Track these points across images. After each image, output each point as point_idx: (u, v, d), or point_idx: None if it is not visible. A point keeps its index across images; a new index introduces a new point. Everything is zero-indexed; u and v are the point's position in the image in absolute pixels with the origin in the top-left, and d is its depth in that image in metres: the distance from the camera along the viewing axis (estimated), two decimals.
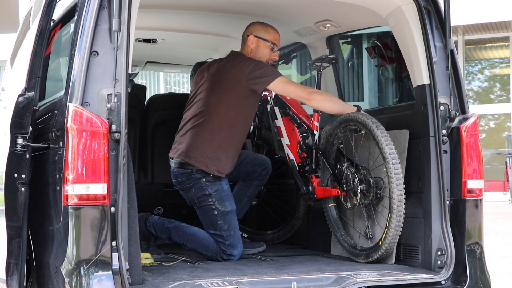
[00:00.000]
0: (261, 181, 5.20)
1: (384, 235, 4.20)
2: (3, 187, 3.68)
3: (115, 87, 3.52)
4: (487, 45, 20.50)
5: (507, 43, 19.94)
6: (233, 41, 5.59)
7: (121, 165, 3.51)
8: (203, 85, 4.80)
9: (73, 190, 3.47)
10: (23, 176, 3.60)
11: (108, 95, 3.55)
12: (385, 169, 4.18)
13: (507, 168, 19.42)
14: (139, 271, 3.68)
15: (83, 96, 3.53)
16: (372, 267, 4.20)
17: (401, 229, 4.16)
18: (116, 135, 3.53)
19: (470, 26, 18.88)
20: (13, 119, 3.61)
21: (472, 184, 4.07)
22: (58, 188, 3.58)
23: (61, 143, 3.60)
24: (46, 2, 3.81)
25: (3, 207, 3.66)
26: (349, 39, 6.30)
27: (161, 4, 5.03)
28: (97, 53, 3.57)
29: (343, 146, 4.71)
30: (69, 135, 3.49)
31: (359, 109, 4.51)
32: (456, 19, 15.84)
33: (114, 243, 3.49)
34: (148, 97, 6.23)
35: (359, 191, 4.40)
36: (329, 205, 4.72)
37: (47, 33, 3.86)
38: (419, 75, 4.18)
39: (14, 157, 3.59)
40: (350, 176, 4.46)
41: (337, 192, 4.56)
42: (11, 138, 3.59)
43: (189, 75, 6.17)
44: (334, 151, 4.69)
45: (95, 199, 3.49)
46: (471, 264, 4.02)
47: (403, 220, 4.14)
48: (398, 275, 3.94)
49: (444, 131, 4.08)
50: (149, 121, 5.95)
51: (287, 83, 4.64)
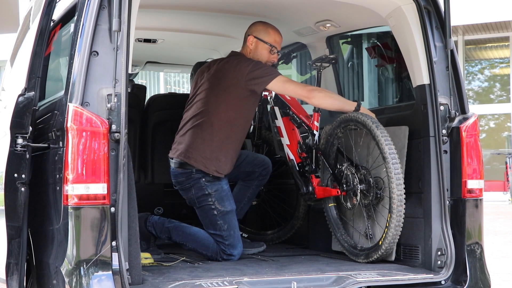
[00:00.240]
0: (261, 181, 5.20)
1: (384, 235, 4.20)
2: (3, 187, 3.68)
3: (115, 87, 3.52)
4: (487, 45, 20.50)
5: (507, 43, 19.94)
6: (233, 41, 5.59)
7: (121, 165, 3.51)
8: (203, 85, 4.79)
9: (73, 190, 3.47)
10: (23, 176, 3.60)
11: (108, 95, 3.54)
12: (385, 169, 4.18)
13: (507, 168, 19.42)
14: (139, 271, 3.68)
15: (83, 96, 3.53)
16: (372, 267, 4.20)
17: (401, 229, 4.16)
18: (116, 135, 3.53)
19: (470, 26, 18.88)
20: (13, 119, 3.61)
21: (472, 184, 4.07)
22: (58, 188, 3.58)
23: (61, 143, 3.60)
24: (46, 2, 3.81)
25: (3, 207, 3.66)
26: (349, 39, 6.29)
27: (161, 4, 5.03)
28: (97, 53, 3.57)
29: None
30: (69, 135, 3.49)
31: (359, 104, 4.51)
32: (456, 19, 15.84)
33: (114, 243, 3.49)
34: (148, 97, 6.22)
35: (359, 191, 4.40)
36: (329, 205, 4.72)
37: (47, 33, 3.86)
38: (419, 75, 4.18)
39: (14, 157, 3.59)
40: (350, 176, 4.46)
41: (337, 192, 4.56)
42: (11, 138, 3.59)
43: (189, 75, 6.17)
44: (334, 151, 4.69)
45: (95, 199, 3.49)
46: (471, 264, 4.02)
47: (403, 220, 4.14)
48: (398, 275, 3.94)
49: (444, 131, 4.08)
50: (149, 121, 5.94)
51: (286, 82, 4.64)
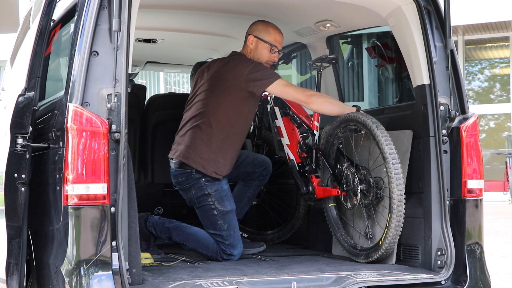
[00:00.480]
0: (262, 182, 5.19)
1: (384, 235, 4.20)
2: (3, 187, 3.68)
3: (115, 87, 3.52)
4: (487, 45, 20.50)
5: (507, 43, 19.94)
6: (233, 41, 5.59)
7: (121, 165, 3.51)
8: (202, 86, 4.79)
9: (73, 190, 3.47)
10: (23, 176, 3.60)
11: (108, 95, 3.54)
12: (385, 169, 4.18)
13: (507, 168, 19.42)
14: (139, 271, 3.68)
15: (83, 96, 3.53)
16: (372, 267, 4.20)
17: (401, 229, 4.15)
18: (116, 135, 3.53)
19: (470, 26, 18.88)
20: (13, 119, 3.61)
21: (472, 184, 4.07)
22: (58, 188, 3.58)
23: (61, 143, 3.60)
24: (46, 2, 3.81)
25: (3, 207, 3.66)
26: (349, 39, 6.30)
27: (161, 4, 5.03)
28: (97, 53, 3.57)
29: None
30: (69, 135, 3.49)
31: (358, 109, 4.51)
32: (456, 19, 15.84)
33: (114, 243, 3.49)
34: (148, 97, 6.22)
35: (359, 191, 4.40)
36: (329, 205, 4.72)
37: (47, 33, 3.86)
38: (419, 75, 4.18)
39: (14, 157, 3.59)
40: (350, 176, 4.45)
41: (337, 192, 4.56)
42: (11, 138, 3.59)
43: (189, 75, 6.16)
44: (334, 151, 4.69)
45: (95, 199, 3.49)
46: (471, 264, 4.02)
47: (403, 220, 4.14)
48: (398, 275, 3.94)
49: (444, 131, 4.08)
50: (149, 121, 5.94)
51: (285, 86, 4.62)
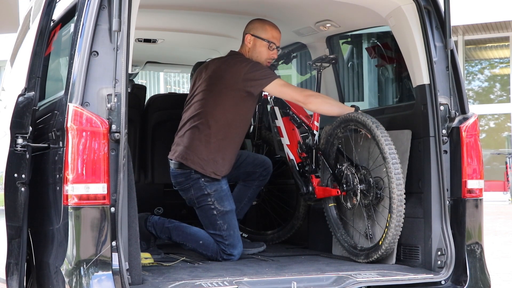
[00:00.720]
0: (262, 182, 5.19)
1: (384, 235, 4.20)
2: (3, 187, 3.68)
3: (115, 87, 3.52)
4: (487, 45, 20.50)
5: (507, 43, 19.93)
6: (233, 41, 5.59)
7: (121, 165, 3.51)
8: (200, 86, 4.78)
9: (73, 190, 3.47)
10: (23, 176, 3.60)
11: (108, 95, 3.54)
12: (385, 169, 4.18)
13: (507, 168, 19.42)
14: (139, 271, 3.68)
15: (83, 96, 3.53)
16: (372, 267, 4.20)
17: (401, 229, 4.15)
18: (116, 135, 3.53)
19: (470, 26, 18.88)
20: (13, 119, 3.61)
21: (472, 184, 4.07)
22: (58, 188, 3.58)
23: (61, 143, 3.60)
24: (46, 2, 3.81)
25: (3, 207, 3.66)
26: (349, 39, 6.30)
27: (161, 4, 5.03)
28: (97, 53, 3.57)
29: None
30: (69, 135, 3.49)
31: (357, 109, 4.51)
32: (456, 19, 15.84)
33: (114, 243, 3.49)
34: (148, 97, 6.23)
35: (359, 191, 4.40)
36: (329, 205, 4.72)
37: (47, 33, 3.86)
38: (419, 75, 4.18)
39: (14, 157, 3.59)
40: (350, 176, 4.45)
41: (337, 192, 4.56)
42: (11, 138, 3.59)
43: (189, 75, 6.17)
44: (334, 151, 4.69)
45: (95, 199, 3.49)
46: (471, 264, 4.02)
47: (403, 220, 4.14)
48: (398, 275, 3.94)
49: (444, 131, 4.08)
50: (149, 121, 5.94)
51: (283, 86, 4.62)
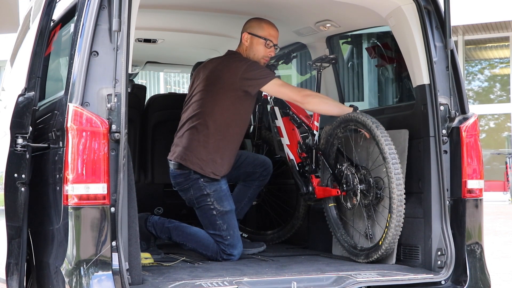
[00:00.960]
0: (262, 182, 5.19)
1: (384, 235, 4.20)
2: (3, 187, 3.68)
3: (115, 87, 3.52)
4: (487, 45, 20.50)
5: (507, 43, 19.94)
6: (233, 41, 5.58)
7: (121, 165, 3.51)
8: (199, 86, 4.78)
9: (73, 190, 3.47)
10: (23, 176, 3.60)
11: (108, 95, 3.54)
12: (385, 169, 4.18)
13: (507, 168, 19.42)
14: (139, 271, 3.68)
15: (83, 96, 3.53)
16: (372, 267, 4.20)
17: (401, 229, 4.16)
18: (116, 135, 3.53)
19: (470, 26, 18.88)
20: (13, 119, 3.61)
21: (472, 184, 4.07)
22: (58, 188, 3.58)
23: (61, 143, 3.60)
24: (46, 2, 3.81)
25: (3, 207, 3.66)
26: (349, 39, 6.29)
27: (161, 4, 5.03)
28: (97, 53, 3.57)
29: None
30: (69, 135, 3.49)
31: (355, 109, 4.51)
32: (456, 19, 15.84)
33: (114, 243, 3.49)
34: (148, 97, 6.23)
35: (359, 191, 4.40)
36: (329, 205, 4.72)
37: (47, 33, 3.86)
38: (419, 75, 4.18)
39: (14, 157, 3.59)
40: (350, 176, 4.45)
41: (337, 192, 4.56)
42: (11, 138, 3.59)
43: (189, 75, 6.17)
44: (334, 151, 4.69)
45: (95, 199, 3.49)
46: (471, 264, 4.02)
47: (403, 220, 4.14)
48: (398, 275, 3.94)
49: (444, 131, 4.08)
50: (149, 121, 5.94)
51: (281, 85, 4.61)
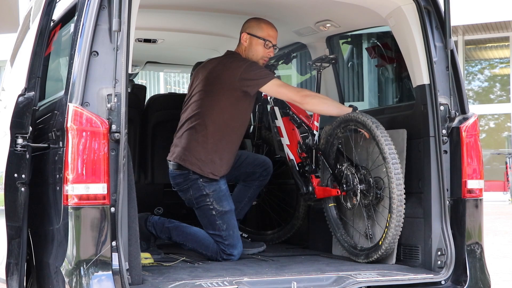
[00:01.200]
0: (262, 182, 5.19)
1: (384, 235, 4.20)
2: (3, 187, 3.68)
3: (115, 87, 3.52)
4: (487, 45, 20.50)
5: (507, 43, 19.93)
6: (233, 41, 5.58)
7: (121, 165, 3.51)
8: (198, 86, 4.78)
9: (73, 190, 3.47)
10: (23, 176, 3.60)
11: (108, 95, 3.54)
12: (385, 169, 4.18)
13: (507, 168, 19.42)
14: (139, 271, 3.68)
15: (83, 96, 3.53)
16: (372, 267, 4.20)
17: (401, 229, 4.16)
18: (116, 135, 3.53)
19: (470, 26, 18.88)
20: (13, 119, 3.61)
21: (472, 184, 4.07)
22: (58, 188, 3.58)
23: (61, 143, 3.60)
24: (46, 2, 3.81)
25: (3, 207, 3.66)
26: (349, 39, 6.29)
27: (161, 4, 5.03)
28: (97, 53, 3.57)
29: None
30: (69, 135, 3.49)
31: (355, 109, 4.51)
32: (456, 19, 15.84)
33: (114, 243, 3.49)
34: (148, 97, 6.23)
35: (359, 191, 4.40)
36: (329, 205, 4.72)
37: (47, 33, 3.86)
38: (419, 75, 4.18)
39: (14, 157, 3.59)
40: (350, 176, 4.45)
41: (337, 192, 4.56)
42: (11, 138, 3.59)
43: (189, 75, 6.17)
44: (334, 151, 4.69)
45: (95, 199, 3.49)
46: (471, 264, 4.02)
47: (403, 220, 4.14)
48: (398, 275, 3.94)
49: (444, 131, 4.08)
50: (149, 121, 5.95)
51: (280, 86, 4.61)
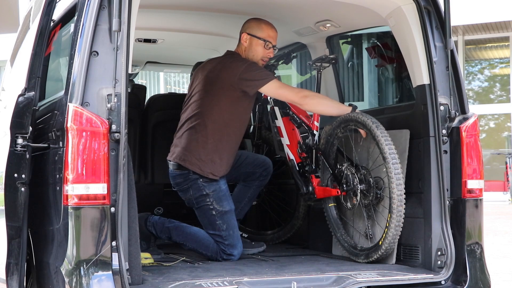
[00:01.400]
0: (262, 182, 5.19)
1: (384, 235, 4.20)
2: (3, 187, 3.68)
3: (115, 87, 3.52)
4: (487, 45, 20.49)
5: (507, 43, 19.93)
6: (233, 41, 5.57)
7: (121, 165, 3.51)
8: (197, 86, 4.78)
9: (73, 190, 3.47)
10: (23, 176, 3.60)
11: (108, 95, 3.54)
12: (385, 169, 4.18)
13: (507, 168, 19.41)
14: (139, 271, 3.68)
15: (83, 96, 3.53)
16: (372, 267, 4.20)
17: (401, 229, 4.16)
18: (116, 135, 3.53)
19: (470, 26, 18.88)
20: (13, 119, 3.61)
21: (472, 184, 4.07)
22: (58, 188, 3.58)
23: (61, 143, 3.60)
24: (46, 2, 3.81)
25: (3, 207, 3.66)
26: (349, 39, 6.29)
27: (161, 4, 5.03)
28: (97, 53, 3.57)
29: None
30: (69, 135, 3.49)
31: (354, 108, 4.50)
32: (456, 19, 15.84)
33: (114, 243, 3.49)
34: (148, 97, 6.23)
35: (359, 191, 4.40)
36: (329, 205, 4.72)
37: (47, 33, 3.86)
38: (419, 75, 4.18)
39: (14, 157, 3.59)
40: (350, 176, 4.45)
41: (337, 192, 4.56)
42: (11, 138, 3.59)
43: (189, 75, 6.17)
44: (334, 151, 4.69)
45: (95, 199, 3.49)
46: (471, 264, 4.02)
47: (403, 220, 4.14)
48: (398, 275, 3.94)
49: (444, 131, 4.08)
50: (149, 121, 5.95)
51: (279, 87, 4.61)
